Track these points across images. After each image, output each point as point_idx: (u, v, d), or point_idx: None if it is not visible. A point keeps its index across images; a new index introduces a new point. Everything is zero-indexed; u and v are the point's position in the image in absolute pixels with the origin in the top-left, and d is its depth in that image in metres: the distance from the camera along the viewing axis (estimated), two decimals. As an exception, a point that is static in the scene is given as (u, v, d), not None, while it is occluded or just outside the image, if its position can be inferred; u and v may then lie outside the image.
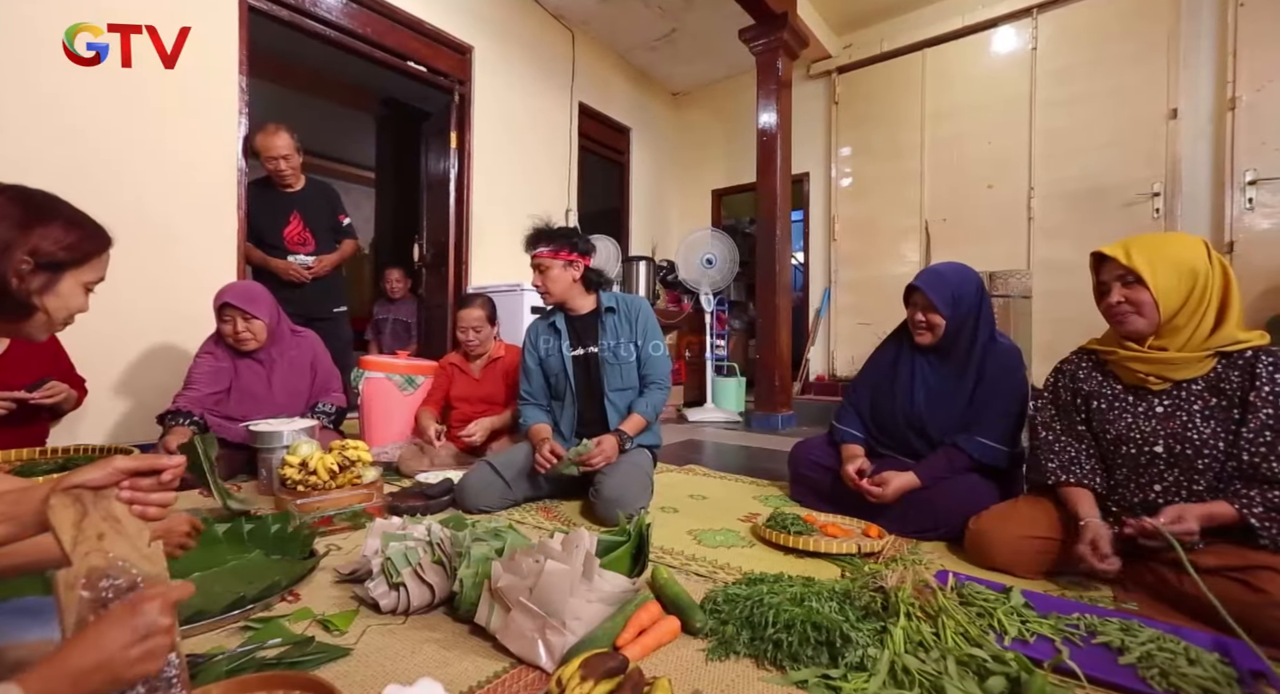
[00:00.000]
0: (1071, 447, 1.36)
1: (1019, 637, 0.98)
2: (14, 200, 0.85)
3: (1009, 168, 3.86)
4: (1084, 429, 1.36)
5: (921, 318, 1.69)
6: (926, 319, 1.68)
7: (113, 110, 2.30)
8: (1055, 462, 1.36)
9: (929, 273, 1.72)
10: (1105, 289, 1.29)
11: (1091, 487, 1.30)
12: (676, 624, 1.01)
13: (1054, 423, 1.42)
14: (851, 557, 1.39)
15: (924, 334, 1.70)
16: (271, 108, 3.85)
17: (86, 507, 0.63)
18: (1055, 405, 1.43)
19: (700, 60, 4.96)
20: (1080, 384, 1.37)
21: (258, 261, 2.67)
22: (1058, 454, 1.37)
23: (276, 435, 1.84)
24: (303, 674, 0.80)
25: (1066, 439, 1.38)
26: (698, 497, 2.01)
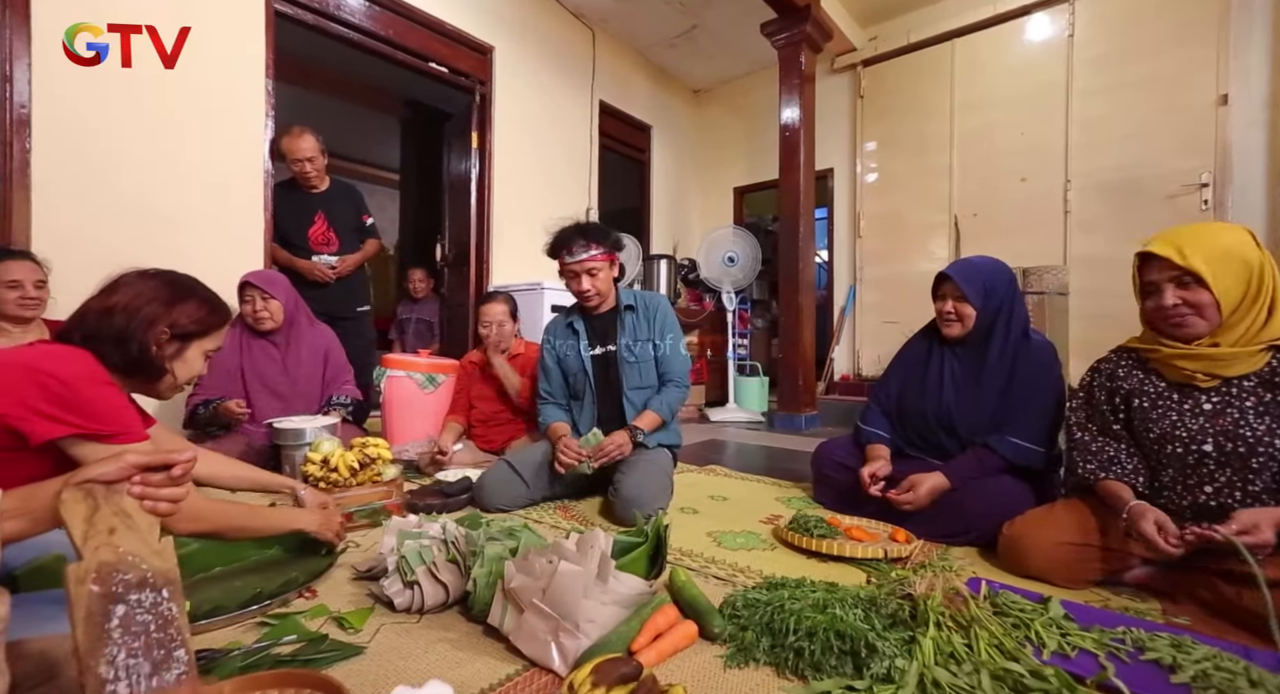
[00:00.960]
0: (1110, 446, 1.29)
1: (1059, 651, 0.92)
2: (164, 283, 1.05)
3: (1043, 159, 3.72)
4: (1120, 429, 1.30)
5: (951, 309, 1.62)
6: (956, 310, 1.61)
7: (145, 113, 2.36)
8: (1093, 461, 1.29)
9: (961, 263, 1.66)
10: (1154, 289, 1.21)
11: (1134, 485, 1.23)
12: (694, 629, 0.98)
13: (1089, 423, 1.35)
14: (877, 561, 1.34)
15: (953, 325, 1.63)
16: (297, 111, 3.91)
17: (98, 501, 0.63)
18: (1089, 405, 1.36)
19: (721, 56, 4.90)
20: (1119, 382, 1.30)
21: (284, 262, 2.71)
22: (1095, 454, 1.30)
23: (299, 432, 1.87)
24: (314, 673, 0.79)
25: (1104, 439, 1.31)
26: (718, 497, 1.97)
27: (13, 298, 1.79)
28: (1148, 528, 1.10)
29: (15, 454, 0.89)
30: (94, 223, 2.26)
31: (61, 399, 0.87)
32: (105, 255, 2.22)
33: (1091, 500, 1.31)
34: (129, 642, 0.61)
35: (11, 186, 2.11)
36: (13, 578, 1.00)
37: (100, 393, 0.91)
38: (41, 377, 0.88)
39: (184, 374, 1.07)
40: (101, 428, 0.90)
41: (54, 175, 2.18)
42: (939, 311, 1.67)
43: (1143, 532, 1.10)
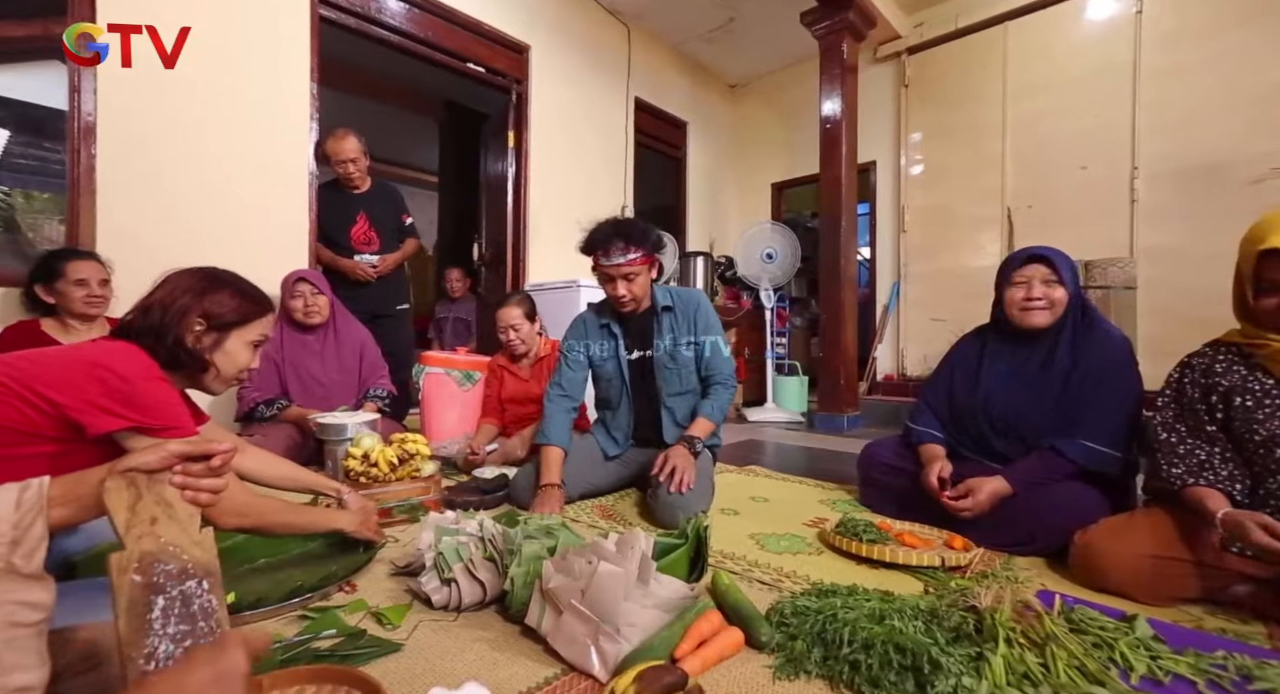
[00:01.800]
0: (1201, 449, 1.17)
1: (1149, 675, 0.83)
2: (199, 277, 1.07)
3: (1107, 146, 3.50)
4: (1216, 431, 1.18)
5: (1040, 295, 1.46)
6: (1046, 295, 1.46)
7: (198, 118, 2.45)
8: (1181, 466, 1.18)
9: (1040, 247, 1.53)
10: (1274, 287, 1.08)
11: (1229, 493, 1.11)
12: (740, 636, 0.93)
13: (1177, 424, 1.23)
14: (934, 570, 1.25)
15: (1040, 313, 1.47)
16: (339, 115, 4.02)
17: (141, 490, 0.63)
18: (1178, 404, 1.24)
19: (758, 49, 4.80)
20: (1218, 379, 1.18)
21: (327, 261, 2.78)
22: (1184, 458, 1.18)
23: (341, 428, 1.89)
24: (351, 670, 0.78)
25: (1194, 442, 1.19)
26: (759, 499, 1.90)
27: (80, 296, 1.88)
28: (1260, 537, 0.97)
29: (73, 446, 0.91)
30: (151, 224, 2.35)
31: (119, 393, 0.89)
32: (162, 255, 2.30)
33: (1177, 510, 1.20)
34: (169, 633, 0.60)
35: (80, 191, 2.22)
36: (71, 564, 1.03)
37: (154, 388, 0.93)
38: (100, 371, 0.90)
39: (227, 366, 1.07)
40: (155, 422, 0.91)
41: (116, 179, 2.28)
42: (1019, 300, 1.49)
43: (1255, 541, 0.97)
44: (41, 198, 2.34)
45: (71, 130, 2.21)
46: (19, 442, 0.88)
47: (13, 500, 0.57)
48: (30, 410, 0.88)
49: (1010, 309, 1.52)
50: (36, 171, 2.34)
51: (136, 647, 0.59)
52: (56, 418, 0.89)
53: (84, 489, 0.61)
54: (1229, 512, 1.05)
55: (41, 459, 0.89)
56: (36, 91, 2.31)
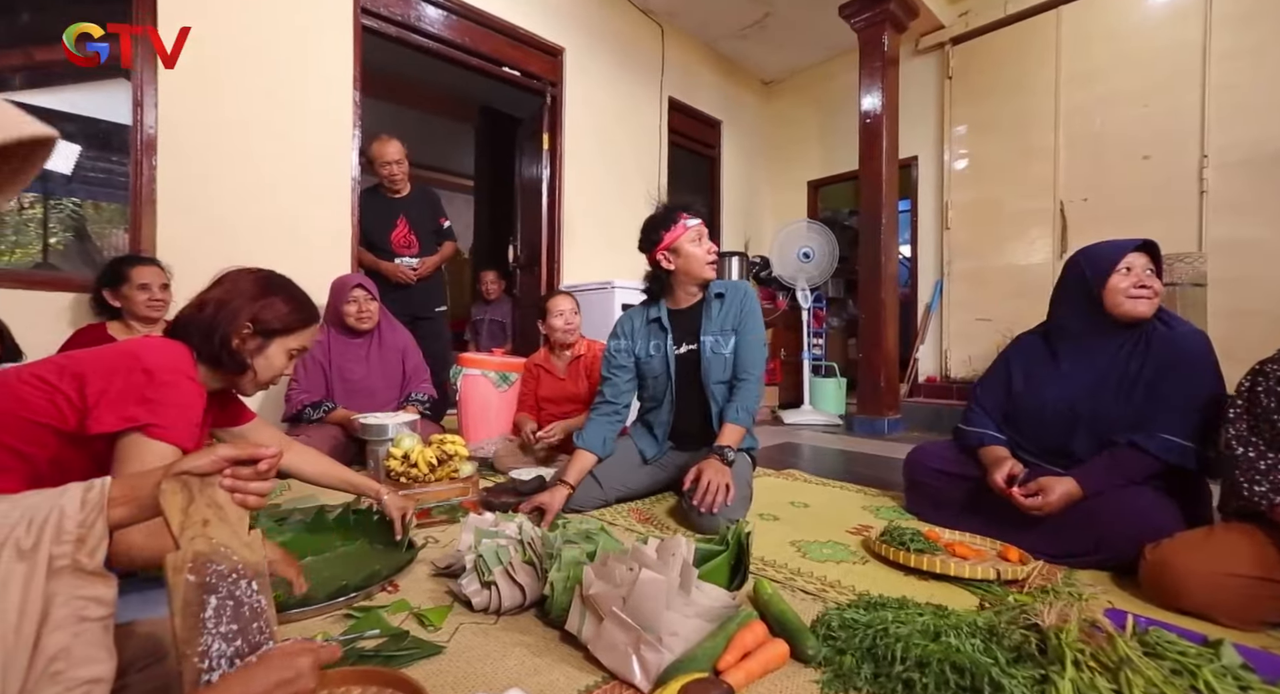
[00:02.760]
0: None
1: (1238, 706, 0.77)
2: (256, 280, 1.10)
3: (1172, 134, 3.29)
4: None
5: (1146, 285, 1.40)
6: (1151, 286, 1.40)
7: (248, 128, 2.55)
8: (1264, 482, 1.09)
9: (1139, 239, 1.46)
10: None
11: None
12: (785, 649, 0.89)
13: (1253, 437, 1.14)
14: (989, 583, 1.19)
15: (1146, 302, 1.40)
16: (379, 122, 4.12)
17: (193, 493, 0.64)
18: (1252, 415, 1.15)
19: (793, 45, 4.71)
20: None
21: (369, 264, 2.85)
22: (1265, 473, 1.09)
23: (382, 428, 1.93)
24: (396, 673, 0.78)
25: (1276, 456, 1.10)
26: (799, 504, 1.86)
27: (143, 299, 1.97)
28: None
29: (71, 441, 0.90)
30: (207, 230, 2.45)
31: (136, 386, 0.89)
32: (216, 259, 2.38)
33: (1266, 527, 1.11)
34: (222, 632, 0.61)
35: (142, 200, 2.33)
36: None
37: (172, 387, 0.93)
38: (129, 360, 0.92)
39: (265, 371, 1.09)
40: (152, 419, 0.90)
41: (174, 188, 2.39)
42: (1125, 288, 1.40)
43: None
44: (109, 208, 2.46)
45: (135, 143, 2.33)
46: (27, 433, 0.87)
47: (78, 500, 0.58)
48: (58, 399, 0.88)
49: (1113, 296, 1.42)
50: (104, 183, 2.46)
51: (191, 645, 0.60)
52: (76, 411, 0.89)
53: (142, 490, 0.62)
54: None
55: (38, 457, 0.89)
56: (102, 107, 2.43)
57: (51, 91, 2.35)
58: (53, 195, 2.37)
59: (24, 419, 0.85)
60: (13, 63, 2.25)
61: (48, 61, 2.27)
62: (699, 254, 1.77)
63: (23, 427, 0.85)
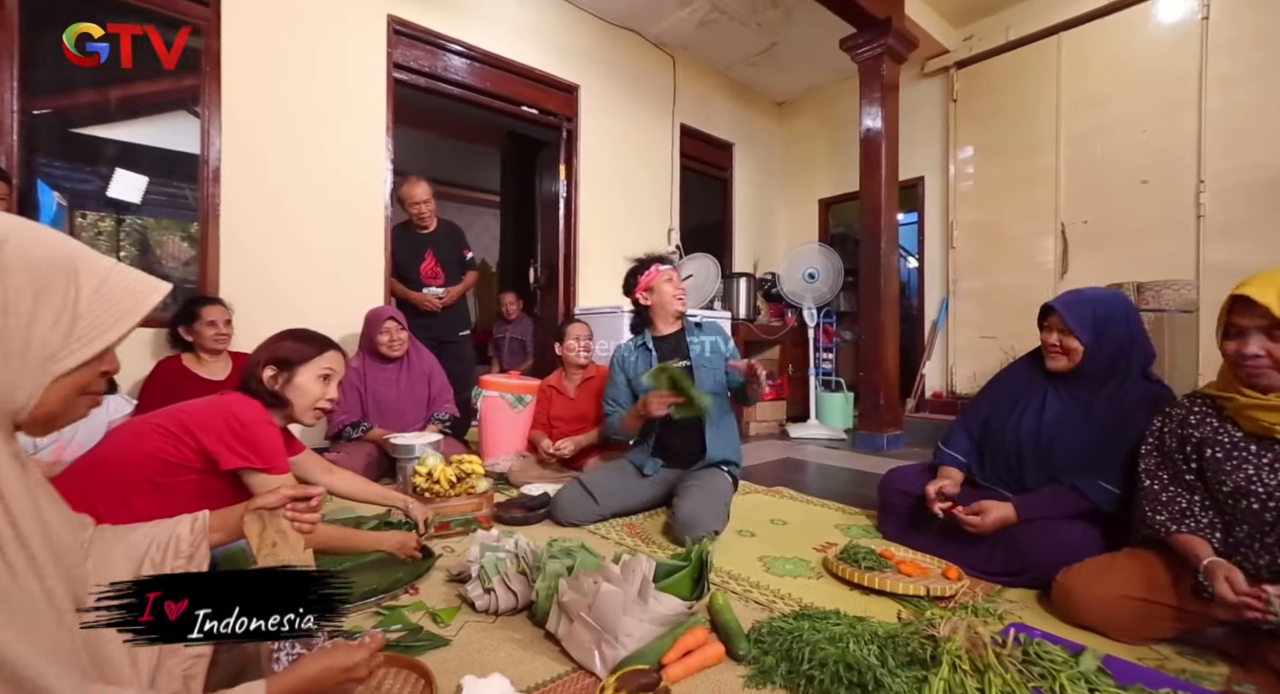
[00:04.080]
0: (1183, 497, 1.23)
1: (1079, 705, 0.94)
2: (276, 335, 1.38)
3: (1170, 158, 3.35)
4: (1194, 480, 1.23)
5: (1055, 341, 1.57)
6: (1061, 343, 1.56)
7: (295, 170, 2.88)
8: (1164, 513, 1.24)
9: (1071, 294, 1.61)
10: (1238, 332, 1.14)
11: (1209, 540, 1.17)
12: (720, 649, 1.10)
13: (1160, 471, 1.29)
14: (920, 598, 1.37)
15: (1058, 358, 1.57)
16: (410, 150, 4.43)
17: (265, 523, 0.89)
18: (1160, 452, 1.30)
19: (803, 68, 4.87)
20: (1191, 430, 1.23)
21: (400, 294, 3.14)
22: (1166, 505, 1.24)
23: (410, 448, 2.20)
24: (412, 659, 1.02)
25: (1176, 489, 1.25)
26: (778, 522, 2.05)
27: (210, 334, 2.29)
28: (1221, 588, 1.06)
29: (207, 477, 1.20)
30: (263, 265, 2.78)
31: (239, 436, 1.18)
32: (270, 292, 2.75)
33: (1162, 553, 1.26)
34: (286, 624, 0.86)
35: (208, 237, 2.66)
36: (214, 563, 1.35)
37: (262, 432, 1.22)
38: (228, 417, 1.20)
39: (301, 398, 1.33)
40: (260, 462, 1.21)
41: (236, 225, 2.72)
42: (1044, 342, 1.62)
43: (1217, 590, 1.06)
44: (169, 224, 2.80)
45: (203, 173, 2.67)
46: (173, 472, 1.18)
47: (188, 528, 0.84)
48: (184, 448, 1.18)
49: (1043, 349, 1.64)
50: (165, 204, 2.80)
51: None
52: (199, 453, 1.19)
53: (230, 521, 0.88)
54: (1213, 560, 1.12)
55: (187, 486, 1.19)
56: (165, 138, 2.78)
57: (123, 125, 2.69)
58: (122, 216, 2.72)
59: (159, 459, 1.14)
60: (90, 101, 2.58)
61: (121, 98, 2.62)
62: (670, 291, 2.15)
63: (158, 466, 1.14)
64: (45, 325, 0.57)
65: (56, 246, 0.59)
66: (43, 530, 0.59)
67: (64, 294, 0.58)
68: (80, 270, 0.60)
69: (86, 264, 0.61)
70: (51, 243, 0.59)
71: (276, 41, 2.82)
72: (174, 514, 0.87)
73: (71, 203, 2.66)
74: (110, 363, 0.65)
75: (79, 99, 2.57)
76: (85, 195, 2.66)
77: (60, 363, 0.58)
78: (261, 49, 2.78)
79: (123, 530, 0.80)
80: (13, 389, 0.56)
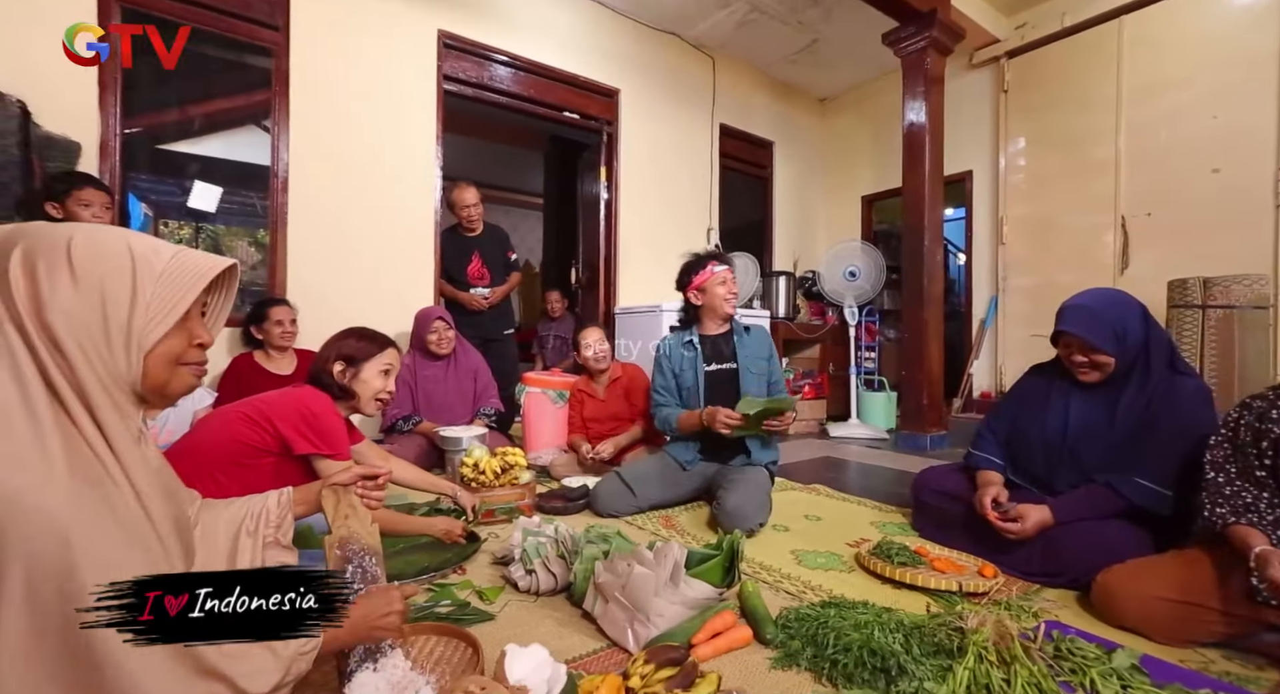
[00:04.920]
0: (1248, 492, 1.19)
1: (1108, 700, 0.95)
2: (339, 333, 1.51)
3: (1244, 146, 3.16)
4: (1265, 477, 1.19)
5: (1084, 360, 1.54)
6: (1090, 360, 1.53)
7: (352, 181, 3.08)
8: (1225, 506, 1.20)
9: (1076, 311, 1.54)
10: None
11: (1270, 536, 1.13)
12: (748, 633, 1.15)
13: (1228, 464, 1.25)
14: (951, 594, 1.38)
15: (1089, 373, 1.54)
16: (459, 154, 4.59)
17: (339, 497, 1.00)
18: (1232, 444, 1.26)
19: (845, 64, 4.81)
20: (1271, 426, 1.19)
21: (448, 294, 3.31)
22: (1229, 499, 1.20)
23: (457, 441, 2.33)
24: (461, 629, 1.12)
25: (1242, 483, 1.21)
26: (813, 517, 2.06)
27: (278, 332, 2.49)
28: (1276, 573, 1.02)
29: (282, 459, 1.34)
30: (324, 268, 2.99)
31: (310, 425, 1.31)
32: (330, 293, 2.95)
33: (1214, 552, 1.22)
34: (355, 589, 0.96)
35: (277, 243, 2.88)
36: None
37: (330, 422, 1.35)
38: (302, 407, 1.33)
39: (365, 391, 1.48)
40: (328, 449, 1.34)
41: (301, 231, 2.93)
42: (1068, 361, 1.58)
43: (1271, 578, 1.02)
44: (238, 230, 3.05)
45: (273, 184, 2.89)
46: (255, 455, 1.33)
47: (275, 501, 0.96)
48: (264, 434, 1.32)
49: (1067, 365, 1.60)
50: (237, 212, 3.05)
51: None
52: (276, 438, 1.33)
53: (310, 496, 0.99)
54: (1265, 549, 1.08)
55: (266, 467, 1.34)
56: (237, 150, 3.02)
57: (200, 140, 2.94)
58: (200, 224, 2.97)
59: (244, 444, 1.29)
60: (170, 119, 2.84)
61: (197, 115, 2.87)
62: (720, 293, 2.15)
63: (243, 450, 1.29)
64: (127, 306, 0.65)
65: (114, 238, 0.67)
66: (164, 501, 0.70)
67: (131, 276, 0.65)
68: (138, 254, 0.67)
69: (143, 248, 0.68)
70: (110, 235, 0.67)
71: (337, 61, 3.02)
72: (255, 493, 1.00)
73: (156, 212, 2.93)
74: (201, 334, 0.74)
75: (162, 117, 2.83)
76: (168, 206, 2.92)
77: (148, 336, 0.66)
78: (325, 68, 2.98)
79: (222, 504, 0.92)
80: (120, 366, 0.65)
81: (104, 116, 2.50)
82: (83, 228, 0.67)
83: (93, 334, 0.63)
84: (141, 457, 0.68)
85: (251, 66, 2.91)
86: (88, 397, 0.62)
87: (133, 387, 0.67)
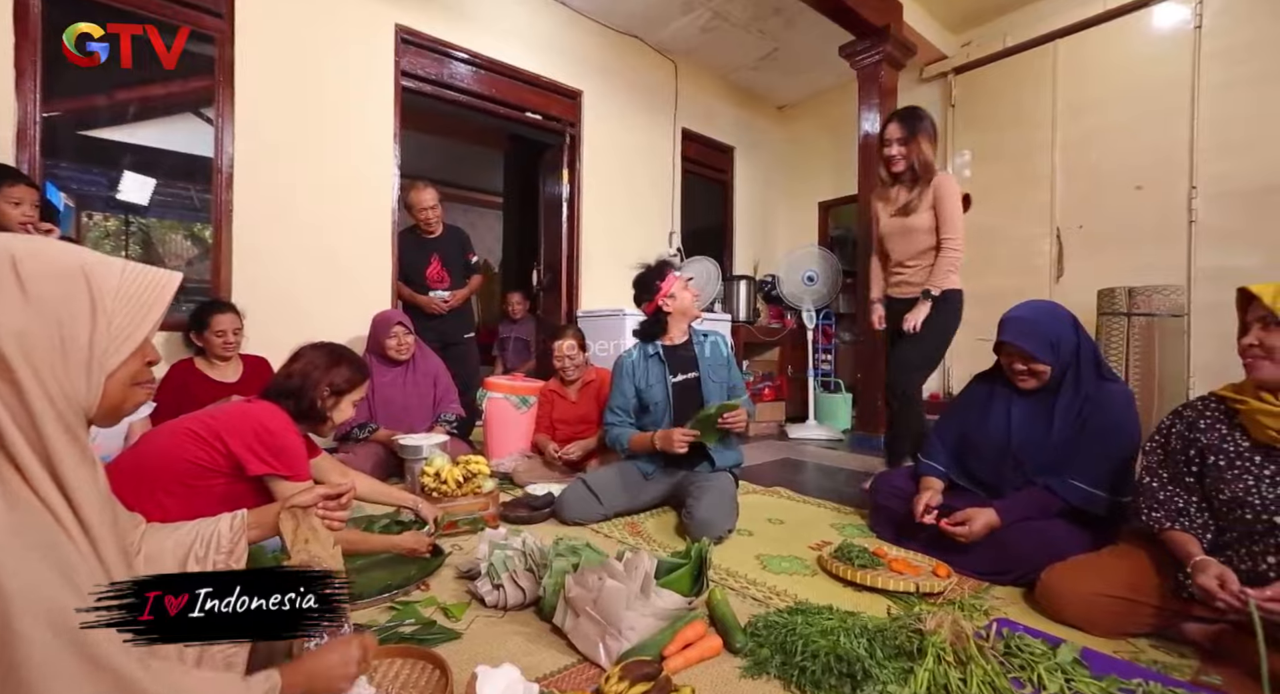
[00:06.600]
0: (1180, 496, 1.28)
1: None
2: (325, 353, 1.45)
3: (1163, 165, 3.40)
4: (1193, 482, 1.28)
5: (1024, 368, 1.63)
6: (1029, 368, 1.62)
7: (308, 177, 2.94)
8: (1160, 510, 1.28)
9: (1016, 323, 1.65)
10: (1244, 328, 1.22)
11: (1200, 540, 1.22)
12: (719, 642, 1.17)
13: (1160, 470, 1.34)
14: (909, 595, 1.43)
15: (1028, 380, 1.65)
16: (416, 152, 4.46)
17: (298, 520, 0.95)
18: (1164, 451, 1.35)
19: (806, 72, 4.92)
20: (1198, 435, 1.28)
21: (406, 298, 3.21)
22: (1163, 503, 1.29)
23: (417, 449, 2.26)
24: (426, 650, 1.09)
25: (1174, 488, 1.30)
26: (775, 521, 2.11)
27: (219, 343, 2.35)
28: (1207, 581, 1.08)
29: (234, 481, 1.27)
30: (273, 268, 2.84)
31: (267, 444, 1.25)
32: (280, 295, 2.82)
33: (1149, 549, 1.31)
34: (314, 616, 0.92)
35: (221, 240, 2.73)
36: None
37: (290, 442, 1.29)
38: (256, 424, 1.27)
39: (339, 419, 1.45)
40: (286, 470, 1.27)
41: (248, 229, 2.78)
42: (1009, 368, 1.68)
43: (1201, 585, 1.10)
44: (172, 224, 2.86)
45: (217, 179, 2.73)
46: (203, 475, 1.26)
47: (228, 525, 0.90)
48: (214, 453, 1.25)
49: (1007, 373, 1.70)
50: (173, 205, 2.87)
51: (295, 623, 0.91)
52: (228, 457, 1.26)
53: (267, 519, 0.94)
54: (1203, 558, 1.15)
55: (216, 489, 1.26)
56: (174, 140, 2.83)
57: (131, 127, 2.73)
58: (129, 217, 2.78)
59: (191, 463, 1.21)
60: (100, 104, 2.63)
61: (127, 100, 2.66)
62: (688, 295, 2.19)
63: (190, 469, 1.21)
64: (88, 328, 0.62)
65: (64, 254, 0.63)
66: (112, 530, 0.66)
67: (89, 296, 0.62)
68: (92, 273, 0.63)
69: (96, 266, 0.64)
70: (59, 251, 0.64)
71: (287, 51, 2.88)
72: (202, 516, 0.94)
73: (79, 204, 2.71)
74: (152, 353, 0.72)
75: (88, 102, 2.62)
76: (93, 197, 2.71)
77: (110, 359, 0.64)
78: (273, 58, 2.84)
79: (169, 528, 0.87)
80: (79, 390, 0.62)
81: (21, 101, 2.30)
82: (21, 241, 0.62)
83: (49, 357, 0.59)
84: (92, 478, 0.63)
85: (191, 52, 2.73)
86: (38, 423, 0.58)
87: (88, 411, 0.63)
